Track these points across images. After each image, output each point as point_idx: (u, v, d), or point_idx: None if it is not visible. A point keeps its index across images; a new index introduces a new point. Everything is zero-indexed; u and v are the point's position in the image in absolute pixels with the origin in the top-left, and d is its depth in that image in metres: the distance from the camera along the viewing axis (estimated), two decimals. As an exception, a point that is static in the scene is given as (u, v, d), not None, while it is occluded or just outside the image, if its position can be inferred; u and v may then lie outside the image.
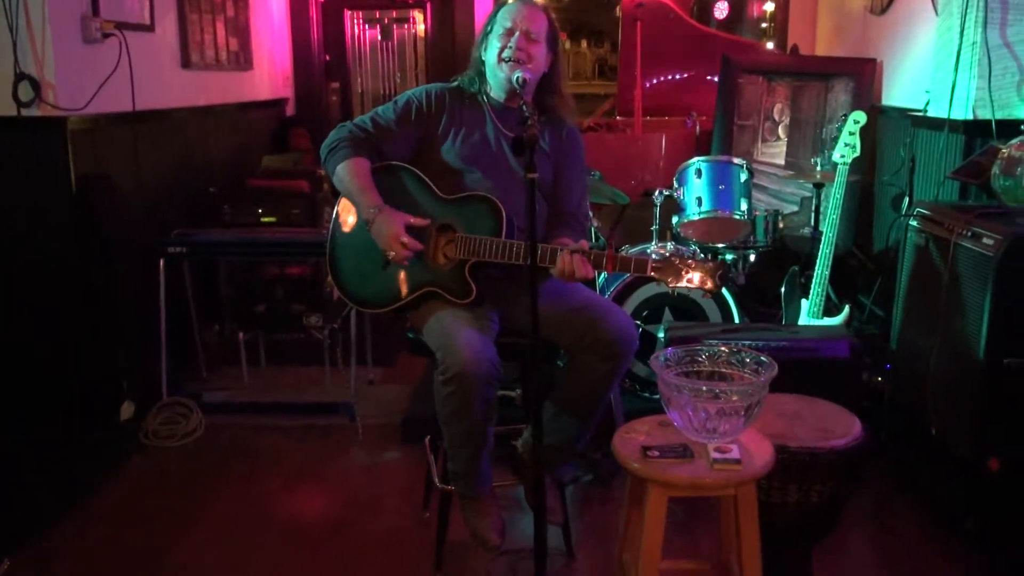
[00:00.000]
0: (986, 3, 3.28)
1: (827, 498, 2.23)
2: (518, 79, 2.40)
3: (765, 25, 6.20)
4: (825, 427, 2.26)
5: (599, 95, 7.98)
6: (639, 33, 5.85)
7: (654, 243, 3.83)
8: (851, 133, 3.51)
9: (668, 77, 6.27)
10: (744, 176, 3.86)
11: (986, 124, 3.34)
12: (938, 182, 3.61)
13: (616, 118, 6.45)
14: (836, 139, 3.57)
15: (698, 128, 5.73)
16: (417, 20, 6.30)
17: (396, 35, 6.35)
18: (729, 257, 4.00)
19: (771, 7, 6.09)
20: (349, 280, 2.60)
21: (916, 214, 3.14)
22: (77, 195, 3.39)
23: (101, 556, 2.75)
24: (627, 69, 6.16)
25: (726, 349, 2.07)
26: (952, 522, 2.78)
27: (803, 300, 3.57)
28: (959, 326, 2.78)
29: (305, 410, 3.81)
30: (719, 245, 3.93)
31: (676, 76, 6.29)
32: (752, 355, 2.04)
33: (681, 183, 3.91)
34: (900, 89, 4.46)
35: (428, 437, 2.84)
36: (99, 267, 3.49)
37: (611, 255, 2.28)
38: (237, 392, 3.97)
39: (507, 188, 2.49)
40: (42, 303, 3.45)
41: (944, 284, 2.84)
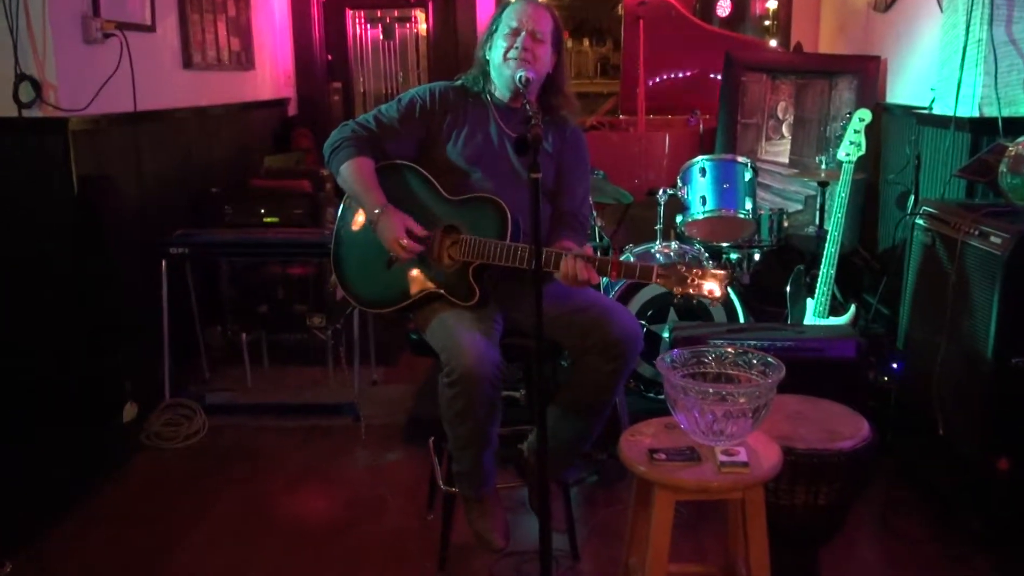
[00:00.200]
0: (991, 0, 3.26)
1: (834, 499, 2.21)
2: (521, 78, 2.39)
3: (768, 23, 6.17)
4: (832, 428, 2.25)
5: (601, 94, 7.97)
6: (642, 31, 5.83)
7: (658, 243, 3.82)
8: (856, 131, 3.49)
9: (671, 75, 6.25)
10: (748, 175, 3.84)
11: (992, 121, 3.32)
12: (944, 180, 3.59)
13: (619, 117, 6.44)
14: (841, 137, 3.55)
15: (701, 126, 5.71)
16: (419, 19, 6.28)
17: (398, 34, 6.33)
18: (734, 256, 3.98)
19: (774, 5, 6.06)
20: (353, 280, 2.59)
21: (922, 212, 3.12)
22: (79, 196, 3.38)
23: (103, 558, 2.74)
24: (630, 67, 6.14)
25: (733, 350, 2.05)
26: (960, 523, 2.76)
27: (808, 299, 3.55)
28: (966, 325, 2.76)
29: (308, 411, 3.80)
30: (723, 244, 3.91)
31: (679, 74, 6.27)
32: (759, 356, 2.02)
33: (685, 182, 3.89)
34: (905, 87, 4.43)
35: (432, 438, 2.82)
36: (101, 268, 3.48)
37: (616, 262, 2.26)
38: (240, 393, 3.96)
39: (509, 189, 2.48)
40: (44, 304, 3.44)
41: (951, 283, 2.82)
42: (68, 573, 2.67)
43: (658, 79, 6.20)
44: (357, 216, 2.57)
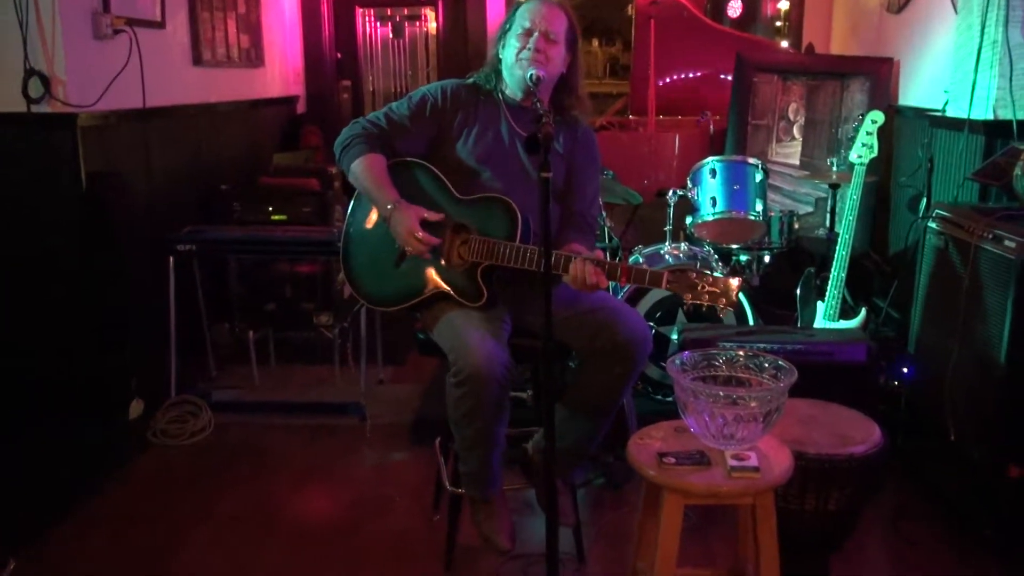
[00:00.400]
0: (1007, 1, 3.22)
1: (845, 505, 2.19)
2: (532, 76, 2.38)
3: (779, 24, 6.14)
4: (843, 433, 2.23)
5: (611, 94, 7.94)
6: (653, 31, 5.81)
7: (667, 244, 3.79)
8: (868, 133, 3.47)
9: (681, 76, 6.22)
10: (759, 176, 3.81)
11: (1007, 124, 3.28)
12: (957, 183, 3.56)
13: (629, 117, 6.41)
14: (853, 139, 3.52)
15: (712, 127, 5.68)
16: (429, 18, 6.26)
17: (408, 33, 6.32)
18: (743, 258, 3.96)
19: (785, 5, 6.03)
20: (361, 277, 2.58)
21: (935, 216, 3.10)
22: (87, 192, 3.38)
23: (106, 555, 2.73)
24: (640, 67, 6.11)
25: (743, 353, 2.03)
26: (971, 529, 2.73)
27: (819, 302, 3.52)
28: (979, 330, 2.73)
29: (314, 409, 3.79)
30: (733, 246, 3.88)
31: (690, 75, 6.24)
32: (771, 360, 2.00)
33: (695, 183, 3.87)
34: (917, 89, 4.40)
35: (438, 439, 2.81)
36: (109, 264, 3.48)
37: (625, 267, 2.24)
38: (246, 391, 3.95)
39: (518, 188, 2.46)
40: (51, 300, 3.44)
41: (964, 287, 2.80)
42: (71, 571, 2.66)
43: (668, 79, 6.18)
44: (368, 213, 2.55)
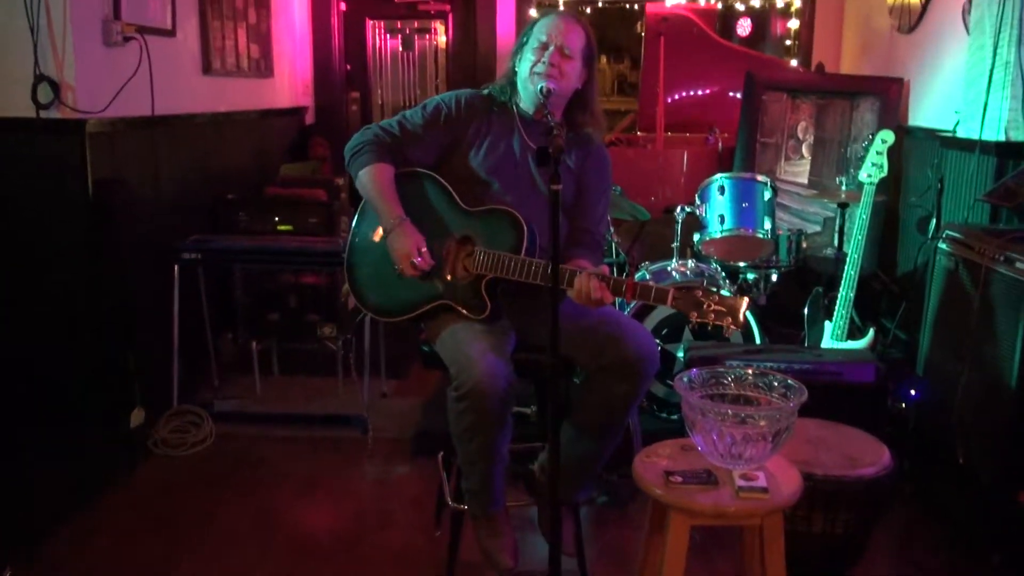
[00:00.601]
0: (1021, 22, 3.21)
1: (853, 528, 2.16)
2: (542, 88, 2.37)
3: (789, 43, 6.13)
4: (851, 455, 2.20)
5: (619, 111, 7.94)
6: (662, 48, 5.80)
7: (675, 261, 3.77)
8: (878, 153, 3.45)
9: (690, 93, 6.22)
10: (768, 194, 3.79)
11: (1019, 146, 3.26)
12: (968, 205, 3.53)
13: (637, 133, 6.40)
14: (862, 158, 3.50)
15: (720, 145, 5.67)
16: (439, 31, 6.27)
17: (417, 46, 6.32)
18: (751, 276, 3.93)
19: (795, 24, 6.02)
20: (365, 286, 2.57)
21: (946, 237, 3.07)
22: (94, 198, 3.37)
23: (105, 565, 2.70)
24: (649, 84, 6.11)
25: (752, 371, 2.00)
26: (980, 555, 2.69)
27: (826, 322, 3.50)
28: (990, 352, 2.70)
29: (317, 421, 3.77)
30: (741, 264, 3.86)
31: (698, 92, 6.23)
32: (780, 379, 1.97)
33: (703, 200, 3.84)
34: (928, 110, 4.38)
35: (441, 453, 2.78)
36: (113, 271, 3.46)
37: (631, 283, 2.21)
38: (249, 401, 3.93)
39: (527, 203, 2.45)
40: (55, 306, 3.42)
41: (975, 309, 2.77)
42: (69, 580, 2.64)
43: (677, 96, 6.17)
44: (374, 224, 2.54)
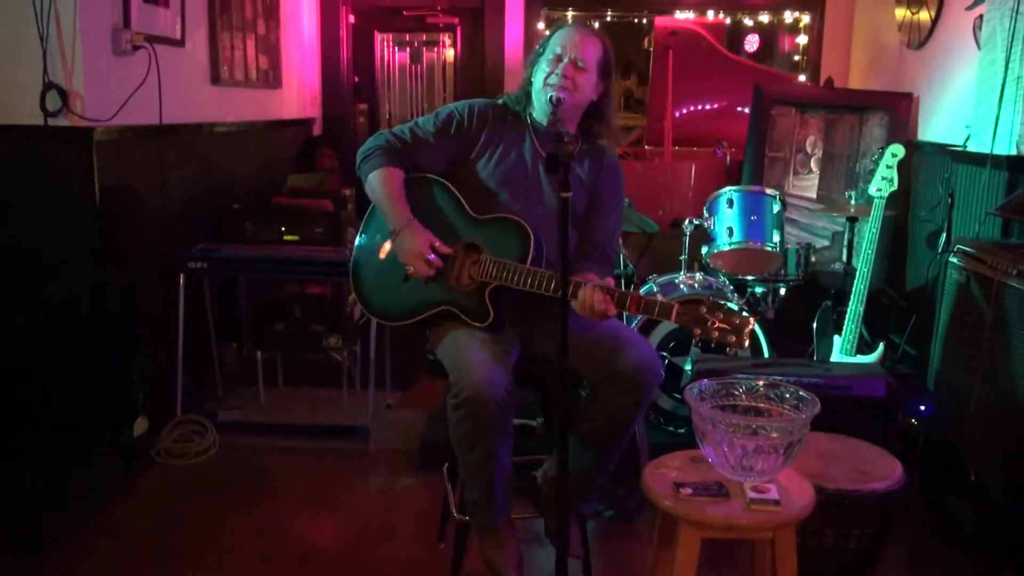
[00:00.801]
0: (1033, 37, 3.20)
1: (865, 544, 2.13)
2: (552, 98, 2.36)
3: (797, 58, 6.13)
4: (863, 469, 2.17)
5: (626, 127, 7.94)
6: (671, 62, 5.80)
7: (682, 273, 3.75)
8: (888, 166, 3.43)
9: (698, 107, 6.21)
10: (777, 207, 3.77)
11: (1031, 160, 3.25)
12: (979, 219, 3.51)
13: (644, 147, 6.39)
14: (872, 172, 3.49)
15: (728, 159, 5.65)
16: (447, 44, 6.29)
17: (425, 59, 6.34)
18: (759, 290, 3.90)
19: (804, 40, 6.02)
20: (370, 291, 2.56)
21: (957, 251, 3.05)
22: (100, 206, 3.36)
23: (107, 575, 2.67)
24: (657, 98, 6.11)
25: (763, 383, 1.98)
26: (991, 572, 2.65)
27: (835, 336, 3.47)
28: (1002, 367, 2.67)
29: (321, 432, 3.74)
30: (749, 277, 3.83)
31: (706, 106, 6.22)
32: (791, 390, 1.95)
33: (712, 212, 3.83)
34: (937, 125, 4.37)
35: (446, 465, 2.75)
36: (119, 280, 3.45)
37: (636, 296, 2.19)
38: (253, 412, 3.90)
39: (536, 212, 2.44)
40: (60, 314, 3.40)
41: (987, 323, 2.74)
42: (70, 589, 2.61)
43: (685, 110, 6.17)
44: (381, 227, 2.53)
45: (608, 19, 6.02)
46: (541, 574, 2.55)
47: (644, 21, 6.44)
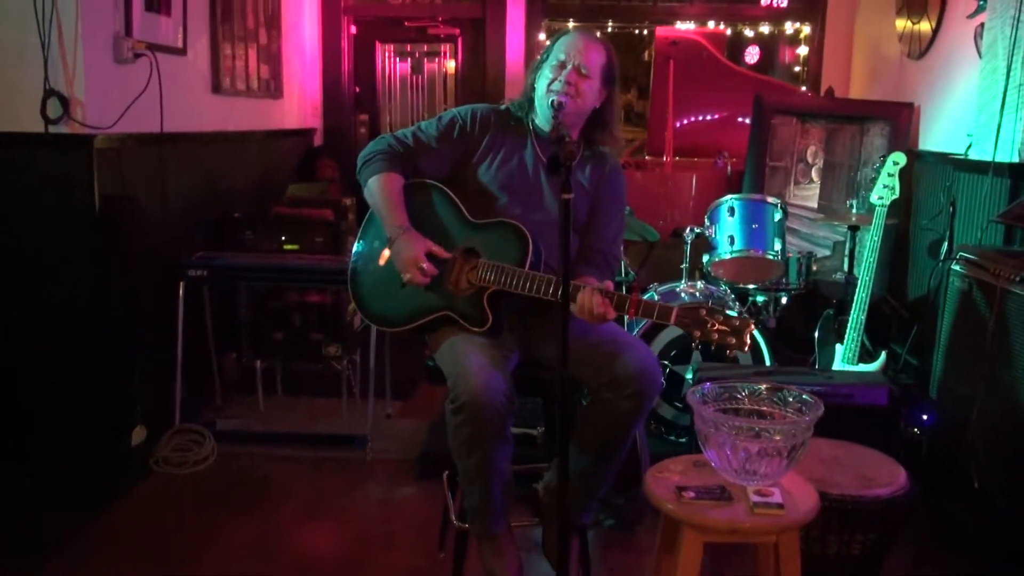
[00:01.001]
0: (1034, 44, 3.20)
1: (869, 550, 2.11)
2: (554, 102, 2.36)
3: (798, 69, 6.14)
4: (866, 474, 2.15)
5: (628, 141, 7.94)
6: (672, 71, 5.81)
7: (683, 282, 3.74)
8: (890, 175, 3.43)
9: (699, 117, 6.21)
10: (778, 215, 3.76)
11: (1033, 167, 3.24)
12: (981, 227, 3.50)
13: (645, 157, 6.39)
14: (873, 181, 3.48)
15: (729, 168, 5.65)
16: (448, 55, 6.30)
17: (426, 70, 6.35)
18: (760, 299, 3.89)
19: (804, 51, 6.03)
20: (368, 296, 2.55)
21: (959, 258, 3.04)
22: (100, 214, 3.35)
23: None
24: (658, 108, 6.11)
25: (766, 386, 1.96)
26: (996, 583, 2.63)
27: (837, 345, 3.45)
28: (1006, 374, 2.66)
29: (320, 441, 3.72)
30: (750, 286, 3.82)
31: (707, 116, 6.22)
32: (794, 394, 1.93)
33: (713, 221, 3.81)
34: (938, 134, 4.37)
35: (446, 473, 2.73)
36: (118, 288, 3.44)
37: (635, 299, 2.18)
38: (252, 421, 3.88)
39: (536, 217, 2.43)
40: (59, 321, 3.39)
41: (990, 330, 2.73)
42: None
43: (686, 120, 6.17)
44: (379, 233, 2.52)
45: (609, 30, 6.03)
46: (542, 583, 2.52)
47: (645, 32, 6.45)
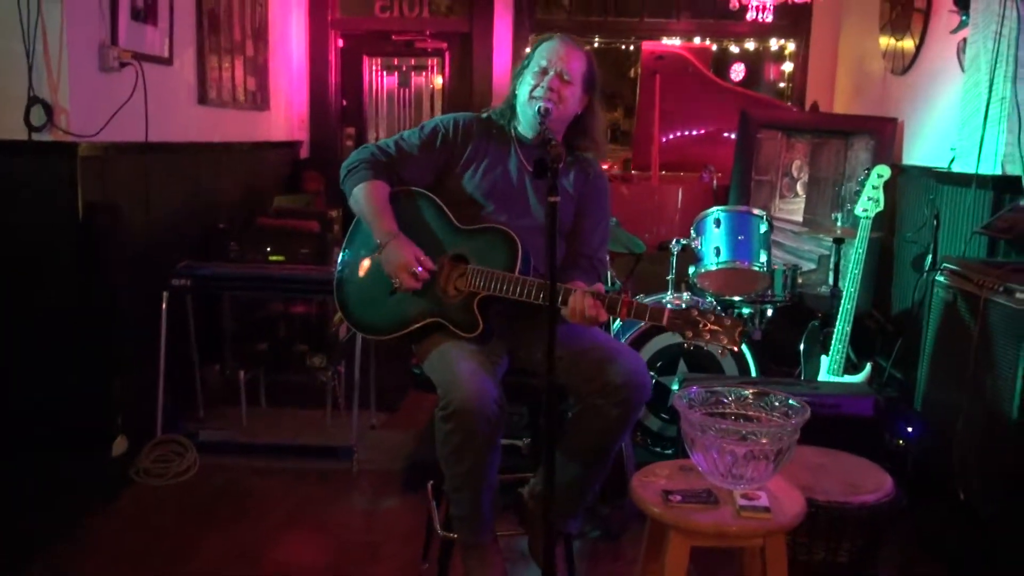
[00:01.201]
0: (1016, 57, 3.23)
1: (856, 558, 2.10)
2: (539, 109, 2.37)
3: (783, 85, 6.19)
4: (853, 481, 2.15)
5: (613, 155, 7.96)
6: (658, 86, 5.84)
7: (670, 293, 3.74)
8: (874, 187, 3.45)
9: (685, 132, 6.25)
10: (764, 227, 3.76)
11: (1015, 180, 3.26)
12: (964, 239, 3.52)
13: (631, 172, 6.41)
14: (858, 194, 3.50)
15: (715, 183, 5.67)
16: (435, 69, 6.32)
17: (413, 83, 6.36)
18: (746, 311, 3.89)
19: (789, 68, 6.09)
20: (355, 305, 2.53)
21: (944, 269, 3.05)
22: (83, 222, 3.33)
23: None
24: (644, 122, 6.14)
25: (752, 391, 1.96)
26: (982, 593, 2.62)
27: (823, 356, 3.46)
28: (990, 384, 2.66)
29: (304, 453, 3.68)
30: (736, 298, 3.82)
31: (693, 131, 6.26)
32: (781, 398, 1.93)
33: (699, 232, 3.82)
34: (922, 149, 4.40)
35: (431, 483, 2.71)
36: (101, 297, 3.41)
37: (627, 300, 2.18)
38: (235, 432, 3.83)
39: (521, 225, 2.43)
40: (40, 330, 3.36)
41: (974, 341, 2.74)
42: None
43: (672, 135, 6.20)
44: (366, 241, 2.51)
45: (596, 45, 6.07)
46: (527, 593, 2.50)
47: (631, 48, 6.50)
